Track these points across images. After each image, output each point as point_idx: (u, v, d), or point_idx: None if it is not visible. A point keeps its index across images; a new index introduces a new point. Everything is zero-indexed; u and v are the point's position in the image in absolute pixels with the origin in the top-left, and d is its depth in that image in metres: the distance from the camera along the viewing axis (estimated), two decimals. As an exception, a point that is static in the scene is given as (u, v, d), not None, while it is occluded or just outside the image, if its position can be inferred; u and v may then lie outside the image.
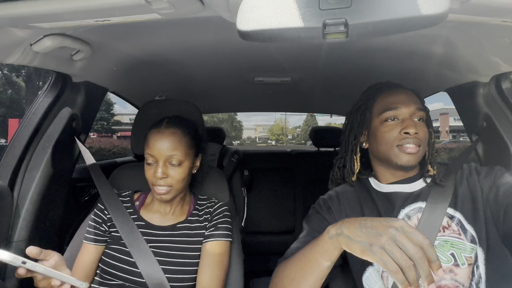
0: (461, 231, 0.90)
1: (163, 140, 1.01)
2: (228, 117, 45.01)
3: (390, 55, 1.27)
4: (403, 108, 0.98)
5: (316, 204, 1.07)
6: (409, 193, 0.98)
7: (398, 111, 0.98)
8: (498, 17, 0.72)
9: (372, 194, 1.02)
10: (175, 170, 1.01)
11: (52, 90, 1.28)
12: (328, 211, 1.02)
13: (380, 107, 1.02)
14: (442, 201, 0.92)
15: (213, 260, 1.03)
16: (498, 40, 0.96)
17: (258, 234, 2.68)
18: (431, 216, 0.91)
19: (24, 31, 0.85)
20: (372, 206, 0.99)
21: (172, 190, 1.02)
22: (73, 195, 1.74)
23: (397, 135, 0.96)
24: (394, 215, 0.95)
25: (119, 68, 1.38)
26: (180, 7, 0.70)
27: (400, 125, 0.97)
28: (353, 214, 1.00)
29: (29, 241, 1.16)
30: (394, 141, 0.97)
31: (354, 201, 1.03)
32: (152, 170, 1.01)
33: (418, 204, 0.96)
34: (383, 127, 0.99)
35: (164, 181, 1.00)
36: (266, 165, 2.86)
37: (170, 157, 1.00)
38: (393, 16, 0.50)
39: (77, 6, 0.69)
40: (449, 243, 0.89)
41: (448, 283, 0.85)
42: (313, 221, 1.02)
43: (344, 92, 2.08)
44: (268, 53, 1.34)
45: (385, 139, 0.98)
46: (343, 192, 1.06)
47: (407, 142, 0.94)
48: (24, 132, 1.20)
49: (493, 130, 1.24)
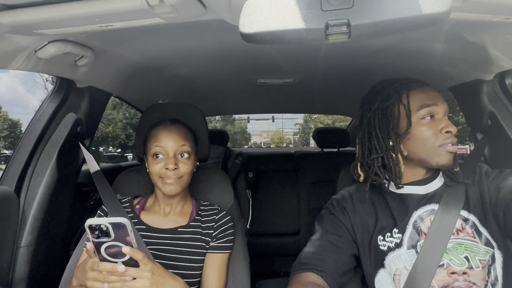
0: (475, 233, 0.88)
1: (172, 132, 1.05)
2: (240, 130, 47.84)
3: (393, 54, 1.27)
4: (440, 105, 0.93)
5: (329, 205, 1.05)
6: (423, 194, 0.96)
7: (435, 108, 0.93)
8: (500, 14, 0.72)
9: (385, 196, 0.99)
10: (185, 162, 1.04)
11: (56, 96, 1.29)
12: (342, 211, 1.00)
13: (415, 104, 0.94)
14: (455, 204, 0.91)
15: (218, 270, 1.07)
16: (501, 37, 0.95)
17: (264, 236, 2.67)
18: (444, 218, 0.89)
19: (28, 37, 0.86)
20: (386, 208, 0.97)
21: (180, 182, 1.04)
22: (78, 199, 1.75)
23: (438, 134, 0.92)
24: (408, 217, 0.93)
25: (123, 73, 1.39)
26: (183, 11, 0.71)
27: (437, 123, 0.92)
28: (367, 216, 0.98)
29: (35, 246, 1.17)
30: (436, 141, 0.91)
31: (368, 202, 1.00)
32: (162, 163, 1.03)
33: (431, 206, 0.94)
34: (420, 125, 0.93)
35: (175, 173, 1.02)
36: (270, 166, 2.86)
37: (180, 147, 1.04)
38: (395, 15, 0.50)
39: (80, 12, 0.69)
40: (463, 246, 0.87)
41: (462, 284, 0.83)
42: (326, 223, 1.00)
43: (347, 92, 2.07)
44: (270, 55, 1.34)
45: (425, 138, 0.92)
46: (356, 192, 1.04)
47: (450, 141, 0.91)
48: (30, 138, 1.21)
49: (498, 127, 1.23)
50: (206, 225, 1.10)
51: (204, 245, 1.08)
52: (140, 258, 0.77)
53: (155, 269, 0.81)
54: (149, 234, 1.06)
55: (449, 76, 1.38)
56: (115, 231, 0.72)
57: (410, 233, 0.91)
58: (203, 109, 1.34)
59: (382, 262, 0.92)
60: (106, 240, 0.73)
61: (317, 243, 0.96)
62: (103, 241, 0.73)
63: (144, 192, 1.22)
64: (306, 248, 0.97)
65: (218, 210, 1.15)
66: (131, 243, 0.75)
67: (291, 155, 2.94)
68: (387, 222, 0.95)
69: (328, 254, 0.93)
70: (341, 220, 0.98)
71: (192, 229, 1.09)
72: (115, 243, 0.74)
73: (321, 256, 0.93)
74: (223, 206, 1.22)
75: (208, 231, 1.09)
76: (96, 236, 0.72)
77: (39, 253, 1.19)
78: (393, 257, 0.91)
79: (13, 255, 1.13)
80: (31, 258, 1.16)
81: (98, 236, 0.72)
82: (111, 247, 0.74)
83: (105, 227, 0.72)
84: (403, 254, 0.90)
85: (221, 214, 1.13)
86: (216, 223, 1.11)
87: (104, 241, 0.73)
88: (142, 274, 0.78)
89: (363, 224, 0.97)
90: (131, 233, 0.74)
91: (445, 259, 0.86)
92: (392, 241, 0.92)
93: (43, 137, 1.23)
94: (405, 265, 0.89)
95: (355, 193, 1.03)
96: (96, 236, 0.72)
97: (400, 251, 0.90)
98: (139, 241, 1.01)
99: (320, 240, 0.96)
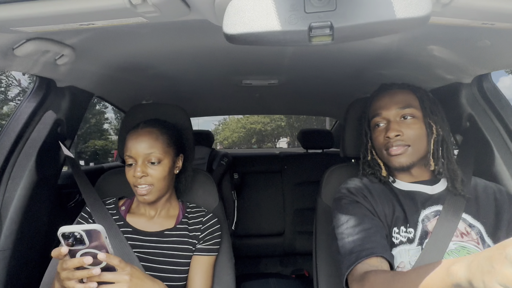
0: (479, 241, 0.91)
1: (139, 140, 1.01)
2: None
3: (374, 57, 1.29)
4: (384, 112, 1.02)
5: (347, 194, 1.01)
6: (429, 194, 0.99)
7: (382, 117, 1.02)
8: (478, 19, 0.74)
9: (395, 191, 1.02)
10: (155, 169, 1.01)
11: (35, 95, 1.26)
12: (364, 199, 0.99)
13: (370, 115, 1.07)
14: (457, 208, 0.94)
15: (204, 273, 1.06)
16: (478, 42, 0.98)
17: (248, 237, 2.67)
18: (446, 221, 0.92)
19: (6, 35, 0.83)
20: (397, 202, 0.99)
21: (154, 190, 1.02)
22: (59, 201, 1.70)
23: (383, 140, 1.00)
24: (417, 214, 0.95)
25: (105, 72, 1.36)
26: (166, 10, 0.70)
27: (386, 129, 1.00)
28: (384, 206, 0.98)
29: (14, 250, 1.13)
30: (382, 147, 1.01)
31: (382, 193, 1.02)
32: (132, 170, 1.01)
33: (437, 207, 0.96)
34: (374, 134, 1.05)
35: (144, 180, 1.00)
36: (255, 168, 2.86)
37: (148, 155, 1.00)
38: (377, 19, 0.51)
39: (60, 10, 0.68)
40: (466, 249, 0.89)
41: None
42: (356, 209, 0.96)
43: (332, 94, 2.09)
44: (255, 55, 1.34)
45: (377, 146, 1.04)
46: (370, 184, 1.04)
47: (390, 145, 0.98)
48: (7, 139, 1.17)
49: (476, 130, 1.26)
50: (193, 227, 1.09)
51: (191, 248, 1.07)
52: (116, 263, 0.76)
53: (133, 272, 0.80)
54: (135, 237, 1.04)
55: (429, 79, 1.41)
56: (90, 238, 0.71)
57: (421, 230, 0.93)
58: (187, 109, 1.33)
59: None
60: (80, 247, 0.72)
61: (359, 229, 0.90)
62: (78, 249, 0.72)
63: (128, 193, 1.20)
64: (346, 239, 0.91)
65: (205, 213, 1.14)
66: (106, 249, 0.74)
67: (276, 156, 2.95)
68: (400, 214, 0.96)
69: (377, 235, 0.90)
70: (367, 207, 0.97)
71: (178, 231, 1.08)
72: (90, 250, 0.72)
73: (374, 237, 0.88)
74: (208, 208, 1.20)
75: (195, 233, 1.09)
76: (71, 244, 0.71)
77: (17, 257, 1.15)
78: (401, 250, 0.92)
79: None
80: (9, 262, 1.13)
81: (73, 243, 0.71)
82: (86, 254, 0.73)
83: (79, 235, 0.70)
84: (412, 249, 0.92)
85: (208, 216, 1.12)
86: (203, 225, 1.10)
87: (79, 249, 0.72)
88: (120, 278, 0.77)
89: (383, 213, 0.98)
90: (106, 239, 0.73)
91: None
92: (405, 236, 0.94)
93: (21, 138, 1.20)
94: (410, 260, 0.90)
95: (370, 185, 1.04)
96: (70, 244, 0.71)
97: (410, 246, 0.92)
98: (123, 243, 1.00)
99: (361, 225, 0.91)
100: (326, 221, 1.21)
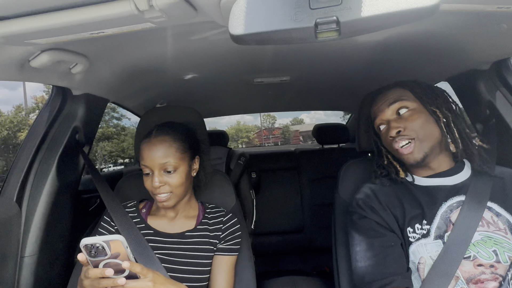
0: (508, 230, 0.88)
1: (153, 150, 1.01)
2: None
3: (387, 49, 1.26)
4: (380, 114, 1.04)
5: (356, 208, 1.04)
6: (451, 186, 0.97)
7: (380, 119, 1.04)
8: (493, 4, 0.71)
9: (411, 189, 1.01)
10: (171, 177, 1.02)
11: (53, 105, 1.29)
12: (372, 211, 1.00)
13: (373, 117, 1.09)
14: (482, 195, 0.91)
15: (227, 273, 1.08)
16: (495, 26, 0.95)
17: (268, 235, 2.68)
18: (471, 210, 0.89)
19: (21, 48, 0.86)
20: (413, 200, 0.98)
21: (173, 196, 1.03)
22: (80, 206, 1.75)
23: (389, 141, 1.01)
24: (436, 208, 0.94)
25: (118, 78, 1.39)
26: (173, 14, 0.70)
27: (387, 130, 1.02)
28: (395, 210, 0.98)
29: (39, 255, 1.17)
30: (391, 147, 1.01)
31: (392, 196, 1.01)
32: (150, 179, 1.02)
33: (460, 197, 0.94)
34: (381, 135, 1.07)
35: (163, 189, 1.01)
36: (272, 165, 2.85)
37: (163, 165, 1.01)
38: (384, 10, 0.50)
39: (70, 21, 0.69)
40: (492, 240, 0.86)
41: (488, 276, 0.83)
42: (365, 228, 0.99)
43: (345, 87, 2.06)
44: (265, 53, 1.33)
45: (388, 147, 1.05)
46: (379, 189, 1.04)
47: (397, 144, 0.98)
48: (28, 148, 1.21)
49: (497, 117, 1.22)
50: (213, 227, 1.10)
51: (212, 248, 1.08)
52: (138, 271, 0.78)
53: (156, 278, 0.82)
54: (157, 239, 1.06)
55: (445, 67, 1.37)
56: (111, 249, 0.73)
57: (438, 223, 0.92)
58: (201, 111, 1.34)
59: (407, 251, 0.93)
60: (103, 258, 0.73)
61: (370, 254, 0.94)
62: (100, 259, 0.73)
63: (148, 196, 1.22)
64: (358, 263, 0.96)
65: (225, 213, 1.15)
66: (127, 258, 0.75)
67: (292, 153, 2.93)
68: (416, 213, 0.95)
69: (386, 259, 0.91)
70: (376, 220, 0.98)
71: (199, 232, 1.09)
72: (112, 260, 0.74)
73: (383, 265, 0.91)
74: (226, 208, 1.21)
75: (216, 233, 1.10)
76: (93, 255, 0.72)
77: (43, 262, 1.19)
78: (417, 246, 0.91)
79: (17, 266, 1.13)
80: (36, 268, 1.17)
81: (95, 254, 0.72)
82: (108, 264, 0.74)
83: (100, 246, 0.72)
84: (429, 243, 0.90)
85: (228, 216, 1.13)
86: (224, 225, 1.11)
87: (101, 259, 0.73)
88: (143, 285, 0.79)
89: (394, 218, 0.98)
90: (127, 249, 0.74)
91: (472, 251, 0.86)
92: (420, 232, 0.92)
93: (41, 146, 1.23)
94: (430, 255, 0.89)
95: (378, 191, 1.04)
96: (93, 255, 0.72)
97: (426, 241, 0.91)
98: (145, 246, 1.01)
99: (371, 250, 0.94)
100: (345, 216, 1.20)
